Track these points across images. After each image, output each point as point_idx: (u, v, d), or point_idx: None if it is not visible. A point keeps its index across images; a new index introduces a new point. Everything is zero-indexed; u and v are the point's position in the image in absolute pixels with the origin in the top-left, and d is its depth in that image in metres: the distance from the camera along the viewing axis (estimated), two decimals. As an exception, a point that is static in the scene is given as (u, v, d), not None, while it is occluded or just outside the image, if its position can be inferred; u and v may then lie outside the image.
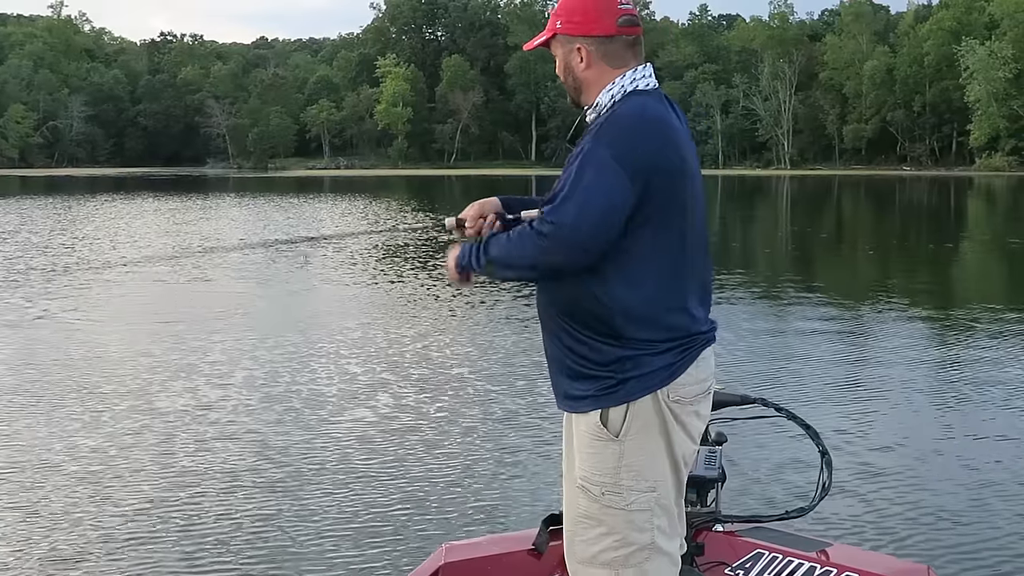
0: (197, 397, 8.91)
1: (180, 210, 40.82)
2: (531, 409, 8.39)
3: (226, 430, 7.85)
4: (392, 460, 7.08)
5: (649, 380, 2.80)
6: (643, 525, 2.84)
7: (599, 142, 2.74)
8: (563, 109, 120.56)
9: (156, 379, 9.61)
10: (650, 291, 2.80)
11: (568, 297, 2.83)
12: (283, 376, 9.76)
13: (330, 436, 7.67)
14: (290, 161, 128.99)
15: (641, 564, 2.86)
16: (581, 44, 2.89)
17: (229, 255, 21.49)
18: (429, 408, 8.54)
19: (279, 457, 7.13)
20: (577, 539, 2.92)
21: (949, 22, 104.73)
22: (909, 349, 11.35)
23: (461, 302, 14.71)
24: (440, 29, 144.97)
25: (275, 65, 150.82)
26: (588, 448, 2.87)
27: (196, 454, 7.22)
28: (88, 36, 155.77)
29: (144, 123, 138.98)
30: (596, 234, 2.70)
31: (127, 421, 8.04)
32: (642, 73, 2.90)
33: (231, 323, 13.18)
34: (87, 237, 26.97)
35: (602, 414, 2.82)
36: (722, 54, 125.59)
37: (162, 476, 6.74)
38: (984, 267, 22.63)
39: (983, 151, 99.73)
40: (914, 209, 48.05)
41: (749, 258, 23.81)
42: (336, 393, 9.09)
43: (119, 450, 7.28)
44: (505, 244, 2.84)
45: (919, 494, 6.39)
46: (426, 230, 27.92)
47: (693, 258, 2.88)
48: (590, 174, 2.71)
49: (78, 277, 18.04)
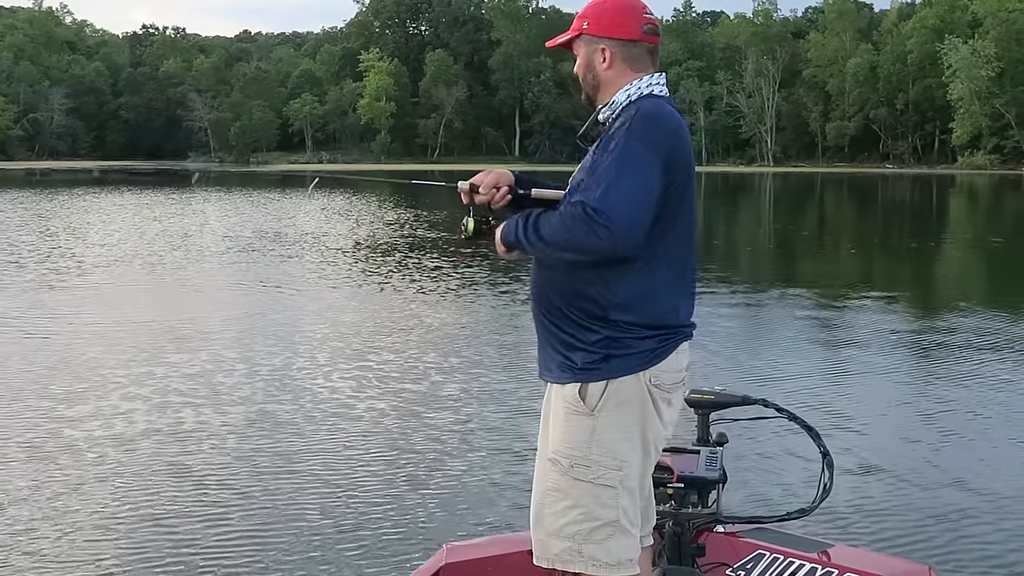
0: (183, 398, 8.86)
1: (151, 205, 40.37)
2: (533, 408, 8.32)
3: (226, 429, 7.81)
4: (392, 459, 7.06)
5: (633, 361, 2.92)
6: (608, 502, 2.95)
7: (633, 135, 2.86)
8: (546, 105, 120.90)
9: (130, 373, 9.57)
10: (651, 285, 2.93)
11: (572, 282, 2.95)
12: (278, 369, 9.73)
13: (330, 435, 7.63)
14: (272, 155, 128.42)
15: (603, 541, 2.95)
16: (606, 45, 3.07)
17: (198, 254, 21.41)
18: (429, 407, 8.52)
19: (277, 457, 7.10)
20: (546, 511, 3.00)
21: (932, 20, 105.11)
22: (894, 348, 11.39)
23: (461, 302, 14.72)
24: (424, 24, 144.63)
25: (258, 59, 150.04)
26: (563, 421, 2.98)
27: (197, 455, 7.18)
28: (69, 28, 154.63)
29: (126, 116, 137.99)
30: (644, 222, 2.81)
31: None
32: (658, 80, 3.07)
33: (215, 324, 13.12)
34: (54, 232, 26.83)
35: (581, 388, 2.93)
36: (706, 51, 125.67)
37: (160, 476, 6.69)
38: (966, 266, 22.71)
39: (965, 149, 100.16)
40: (897, 207, 48.25)
41: (731, 256, 23.85)
42: (335, 392, 9.03)
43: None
44: (558, 224, 2.89)
45: (919, 493, 6.39)
46: (406, 225, 28.00)
47: (686, 258, 3.03)
48: (630, 165, 2.83)
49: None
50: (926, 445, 7.53)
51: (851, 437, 7.59)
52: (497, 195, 3.10)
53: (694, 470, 3.56)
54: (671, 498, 3.50)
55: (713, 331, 11.71)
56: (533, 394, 8.74)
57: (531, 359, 9.43)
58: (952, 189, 66.51)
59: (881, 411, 8.55)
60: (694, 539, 3.55)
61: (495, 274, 17.06)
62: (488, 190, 3.11)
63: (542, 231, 2.91)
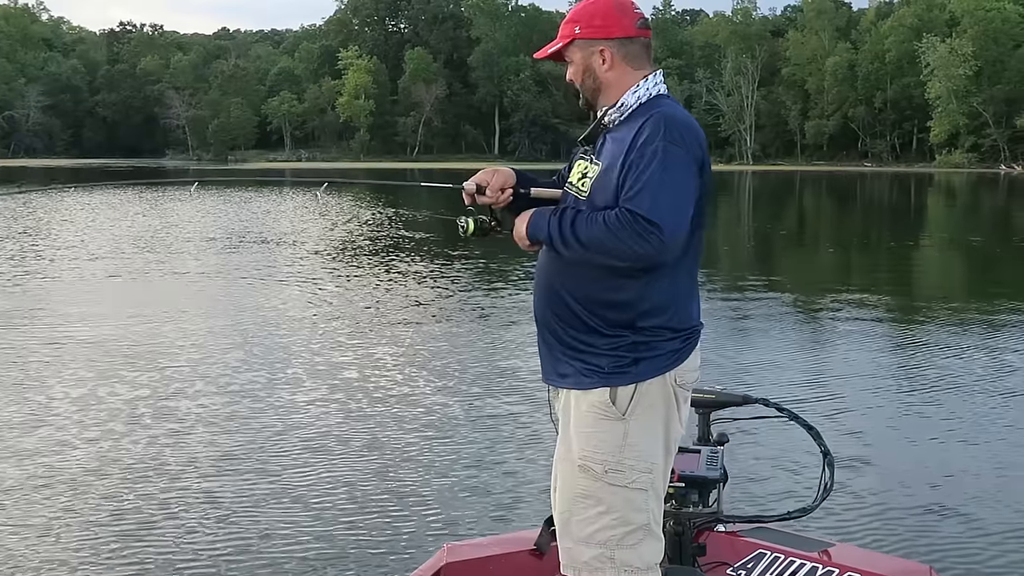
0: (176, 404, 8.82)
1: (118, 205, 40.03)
2: (533, 406, 8.28)
3: (223, 427, 7.79)
4: (393, 459, 7.05)
5: (661, 362, 2.92)
6: (641, 506, 2.93)
7: (672, 141, 2.82)
8: (526, 103, 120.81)
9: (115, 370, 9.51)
10: (677, 288, 2.95)
11: (599, 289, 2.91)
12: (276, 370, 9.72)
13: (330, 434, 7.61)
14: (251, 153, 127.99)
15: (635, 546, 2.93)
16: (604, 47, 3.00)
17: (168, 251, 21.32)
18: (429, 405, 8.51)
19: (277, 456, 7.07)
20: (575, 518, 2.98)
21: (910, 19, 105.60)
22: (878, 348, 11.42)
23: (461, 301, 14.71)
24: (403, 21, 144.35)
25: (236, 56, 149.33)
26: (591, 427, 2.93)
27: (192, 454, 7.15)
28: (46, 25, 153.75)
29: (103, 114, 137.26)
30: (687, 228, 2.83)
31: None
32: (661, 78, 3.05)
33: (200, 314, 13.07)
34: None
35: (611, 392, 2.90)
36: (685, 49, 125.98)
37: (153, 481, 6.65)
38: (945, 264, 22.81)
39: (943, 148, 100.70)
40: (875, 206, 48.42)
41: (710, 254, 23.87)
42: (335, 391, 9.01)
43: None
44: (602, 230, 2.82)
45: (920, 493, 6.39)
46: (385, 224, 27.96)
47: (700, 256, 3.06)
48: (673, 171, 2.81)
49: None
50: (923, 443, 7.57)
51: (839, 436, 7.59)
52: (502, 197, 3.09)
53: (695, 469, 3.56)
54: (672, 497, 3.49)
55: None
56: (533, 393, 8.75)
57: (530, 358, 9.45)
58: (930, 187, 66.89)
59: (870, 409, 8.56)
60: (695, 538, 3.55)
61: (489, 271, 17.04)
62: (495, 193, 3.08)
63: (581, 234, 2.86)
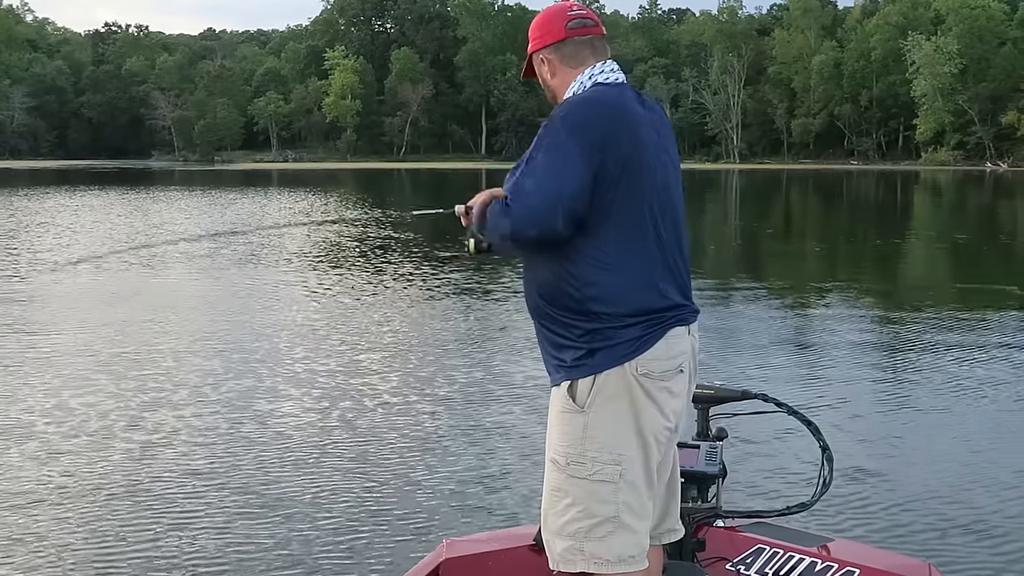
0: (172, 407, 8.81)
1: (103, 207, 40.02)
2: (535, 405, 8.25)
3: (224, 425, 7.78)
4: (392, 455, 7.04)
5: (615, 352, 2.88)
6: (606, 498, 2.91)
7: (553, 119, 2.93)
8: (513, 102, 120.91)
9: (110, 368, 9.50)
10: (619, 274, 2.90)
11: (547, 279, 2.96)
12: (277, 368, 9.71)
13: (329, 433, 7.59)
14: (237, 154, 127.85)
15: (604, 538, 2.92)
16: (543, 55, 3.16)
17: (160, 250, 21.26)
18: (429, 404, 8.49)
19: (276, 455, 7.06)
20: (550, 512, 3.00)
21: (896, 17, 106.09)
22: (865, 344, 11.44)
23: (460, 300, 14.71)
24: (389, 21, 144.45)
25: (222, 57, 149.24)
26: (557, 420, 2.98)
27: (190, 454, 7.12)
28: (30, 26, 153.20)
29: (88, 115, 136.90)
30: (554, 209, 2.80)
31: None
32: (601, 68, 3.09)
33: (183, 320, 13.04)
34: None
35: (570, 385, 2.92)
36: (672, 48, 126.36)
37: (148, 482, 6.65)
38: (932, 262, 22.85)
39: (929, 145, 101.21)
40: (862, 204, 48.51)
41: (696, 252, 23.87)
42: (334, 390, 8.99)
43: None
44: (490, 216, 2.94)
45: (919, 492, 6.37)
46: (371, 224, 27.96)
47: (665, 242, 2.98)
48: (545, 148, 2.87)
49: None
50: (916, 439, 7.58)
51: (833, 433, 7.58)
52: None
53: (694, 465, 3.55)
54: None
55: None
56: (532, 392, 8.75)
57: (529, 356, 9.47)
58: (916, 185, 67.09)
59: (861, 404, 8.57)
60: (694, 534, 3.54)
61: (495, 275, 17.04)
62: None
63: (487, 225, 2.97)
